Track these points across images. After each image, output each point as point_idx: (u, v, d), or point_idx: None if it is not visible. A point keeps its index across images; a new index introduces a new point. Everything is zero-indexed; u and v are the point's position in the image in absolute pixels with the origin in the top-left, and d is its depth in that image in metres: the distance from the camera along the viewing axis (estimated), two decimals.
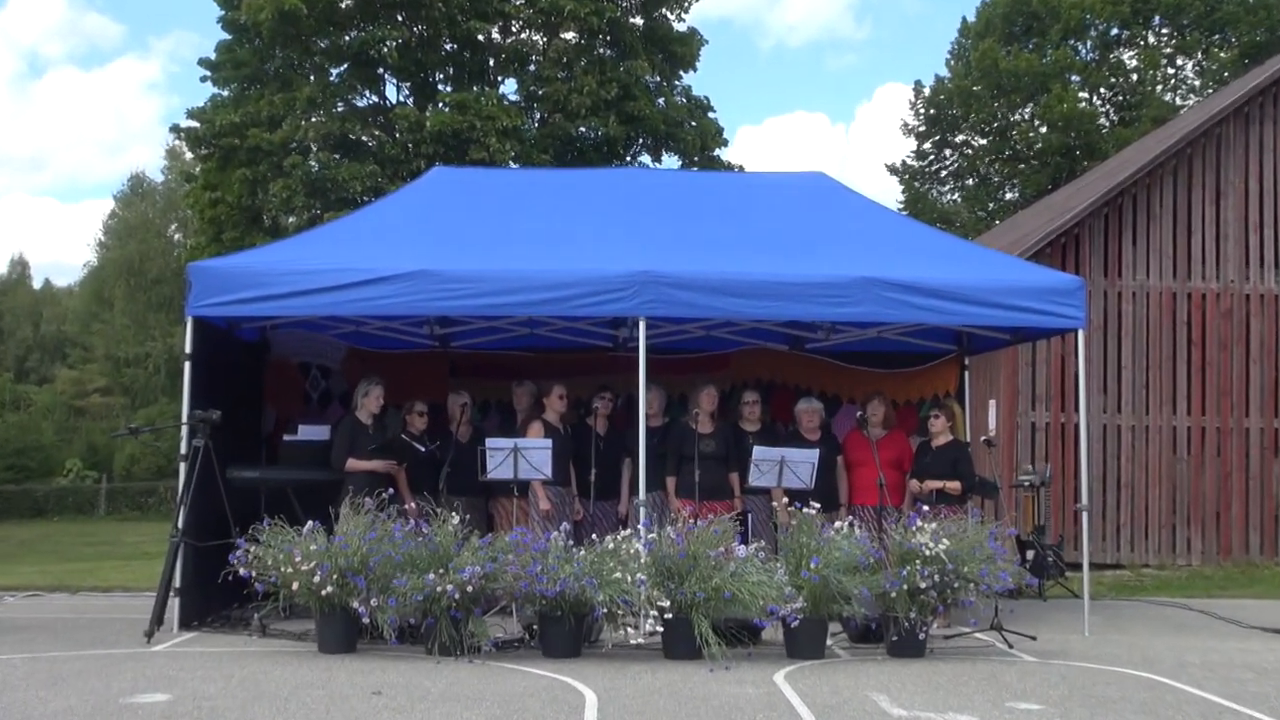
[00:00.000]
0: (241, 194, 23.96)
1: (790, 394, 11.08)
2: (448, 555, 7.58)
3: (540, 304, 8.62)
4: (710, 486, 9.51)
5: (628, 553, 7.61)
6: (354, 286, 8.52)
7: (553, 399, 9.88)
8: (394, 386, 10.03)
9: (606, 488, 9.92)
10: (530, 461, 8.97)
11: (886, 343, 11.05)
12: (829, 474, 9.80)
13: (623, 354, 10.88)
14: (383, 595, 7.50)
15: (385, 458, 9.45)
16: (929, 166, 35.81)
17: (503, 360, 11.17)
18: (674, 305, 8.65)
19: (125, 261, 43.01)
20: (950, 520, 8.08)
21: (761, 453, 9.25)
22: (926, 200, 34.66)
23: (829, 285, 8.73)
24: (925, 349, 11.18)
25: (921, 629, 7.74)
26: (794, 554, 7.82)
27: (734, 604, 7.43)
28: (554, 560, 7.53)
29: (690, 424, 9.73)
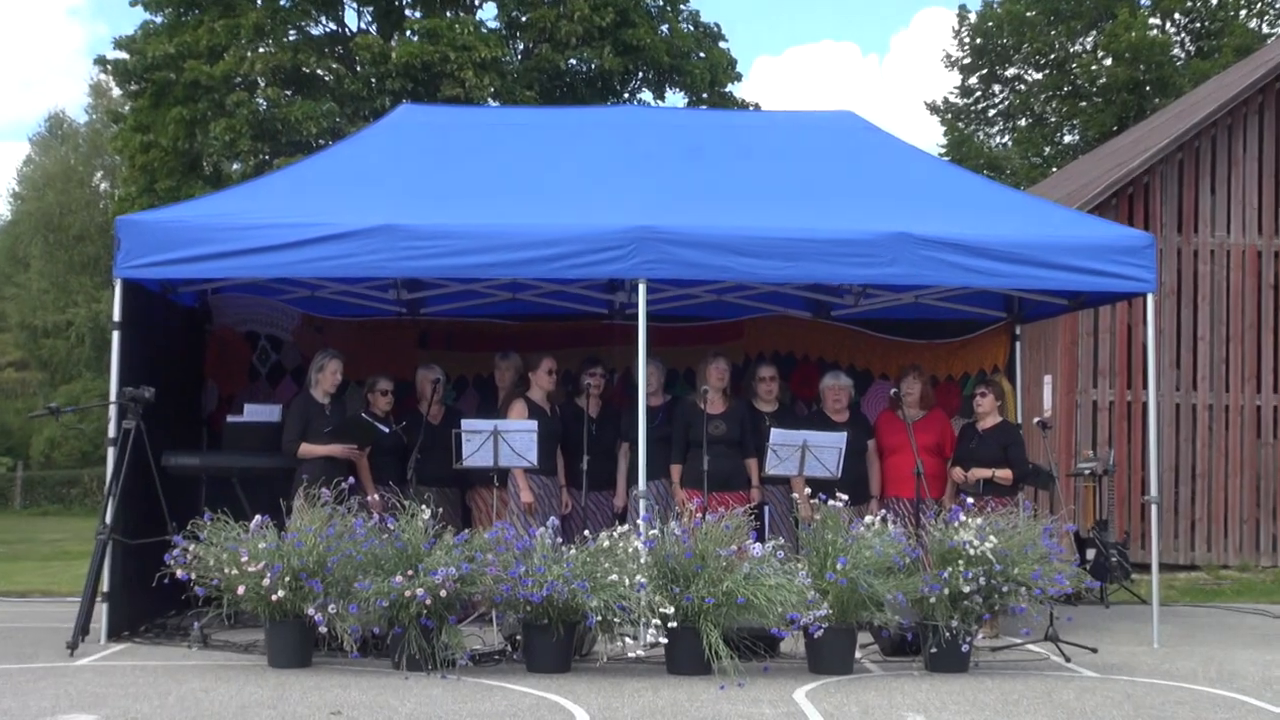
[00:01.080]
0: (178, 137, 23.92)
1: (813, 368, 11.11)
2: (417, 555, 7.59)
3: (524, 264, 8.62)
4: (721, 475, 9.52)
5: (625, 552, 7.62)
6: (308, 244, 8.52)
7: (539, 374, 9.89)
8: (355, 360, 10.05)
9: (600, 477, 9.94)
10: (513, 446, 8.97)
11: (925, 309, 11.06)
12: (858, 461, 9.81)
13: (619, 322, 10.94)
14: (342, 601, 7.51)
15: (345, 442, 9.47)
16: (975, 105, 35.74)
17: (481, 330, 11.18)
18: (678, 265, 8.66)
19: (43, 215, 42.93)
20: (998, 514, 8.07)
21: (780, 436, 9.25)
22: (972, 144, 34.59)
23: (858, 242, 8.73)
24: (970, 317, 11.18)
25: (965, 640, 7.75)
26: (818, 553, 7.83)
27: (748, 611, 7.44)
28: (540, 560, 7.54)
29: (697, 403, 9.73)
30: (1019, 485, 9.71)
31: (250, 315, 10.96)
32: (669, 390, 10.39)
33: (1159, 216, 15.11)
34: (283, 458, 9.43)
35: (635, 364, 8.80)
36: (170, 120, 23.83)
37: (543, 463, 9.38)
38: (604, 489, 10.04)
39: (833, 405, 10.12)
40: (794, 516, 8.92)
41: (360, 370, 10.19)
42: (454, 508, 9.92)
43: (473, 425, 9.09)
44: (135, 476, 8.61)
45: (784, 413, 10.28)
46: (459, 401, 10.95)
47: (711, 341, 10.94)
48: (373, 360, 10.46)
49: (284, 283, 10.25)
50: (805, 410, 10.85)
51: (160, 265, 8.65)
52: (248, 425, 9.82)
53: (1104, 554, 11.97)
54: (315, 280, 10.10)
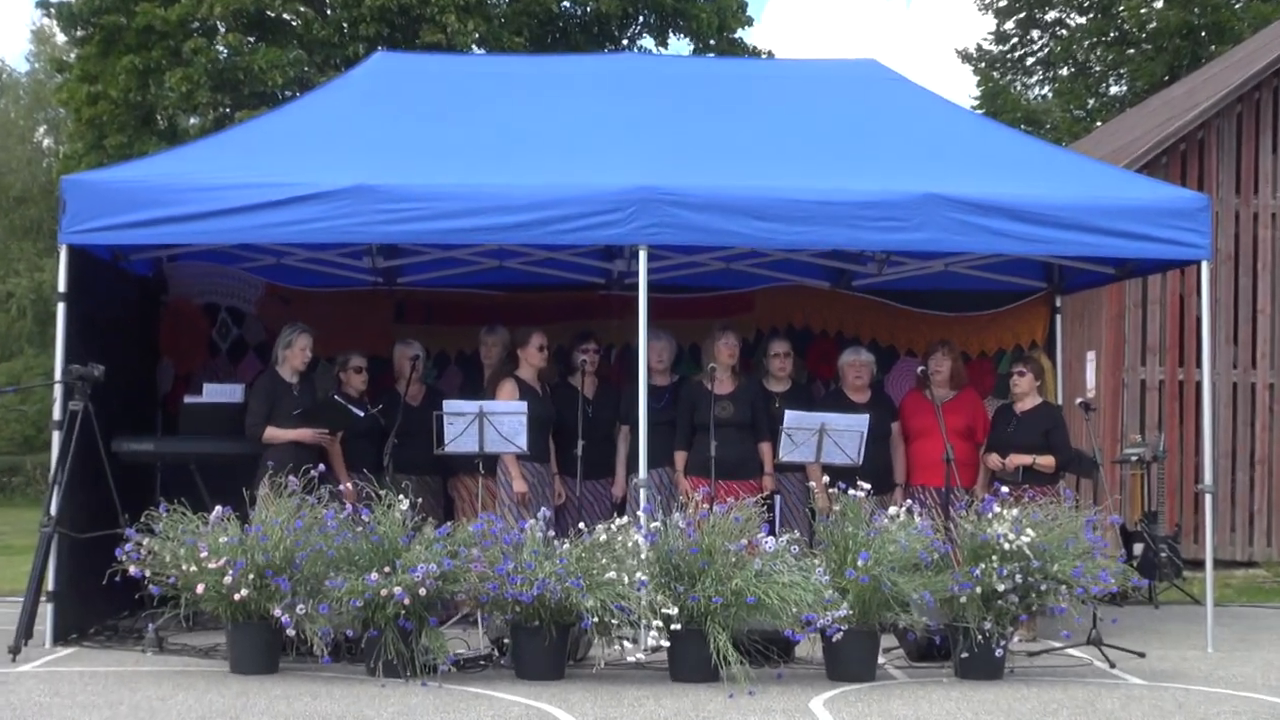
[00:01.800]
0: (129, 88, 23.81)
1: (831, 343, 11.14)
2: (394, 550, 7.59)
3: (512, 229, 8.62)
4: (730, 462, 9.54)
5: (624, 546, 7.62)
6: (274, 206, 8.52)
7: (529, 351, 9.88)
8: (326, 334, 10.05)
9: (597, 464, 9.95)
10: (500, 430, 8.97)
11: (956, 278, 11.06)
12: (881, 446, 9.83)
13: (618, 293, 10.94)
14: (312, 600, 7.51)
15: (315, 425, 9.47)
16: (1011, 52, 35.61)
17: (464, 301, 11.18)
18: (683, 230, 8.65)
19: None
20: (1037, 505, 8.08)
21: (795, 419, 9.26)
22: (1008, 95, 34.49)
23: (882, 204, 8.73)
24: (1006, 287, 11.20)
25: (999, 644, 7.77)
26: (837, 548, 7.84)
27: (759, 611, 7.45)
28: (530, 556, 7.54)
29: (704, 382, 9.74)
30: (1060, 473, 9.72)
31: (210, 285, 10.95)
32: (674, 369, 10.40)
33: (1214, 176, 15.09)
34: (246, 443, 9.41)
35: (636, 339, 8.79)
36: (120, 70, 23.71)
37: (533, 448, 9.37)
38: (601, 477, 10.05)
39: (853, 384, 10.12)
40: (810, 507, 8.93)
41: (331, 346, 10.18)
42: (435, 498, 9.92)
43: (456, 407, 9.08)
44: (83, 463, 8.60)
45: (799, 393, 10.27)
46: (440, 381, 10.94)
47: (719, 314, 10.93)
48: (345, 335, 10.44)
49: (247, 249, 10.24)
50: (823, 390, 10.86)
51: (110, 230, 8.64)
52: (207, 407, 9.81)
53: (1153, 549, 11.98)
54: (281, 246, 10.09)
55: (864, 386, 10.14)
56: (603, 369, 10.46)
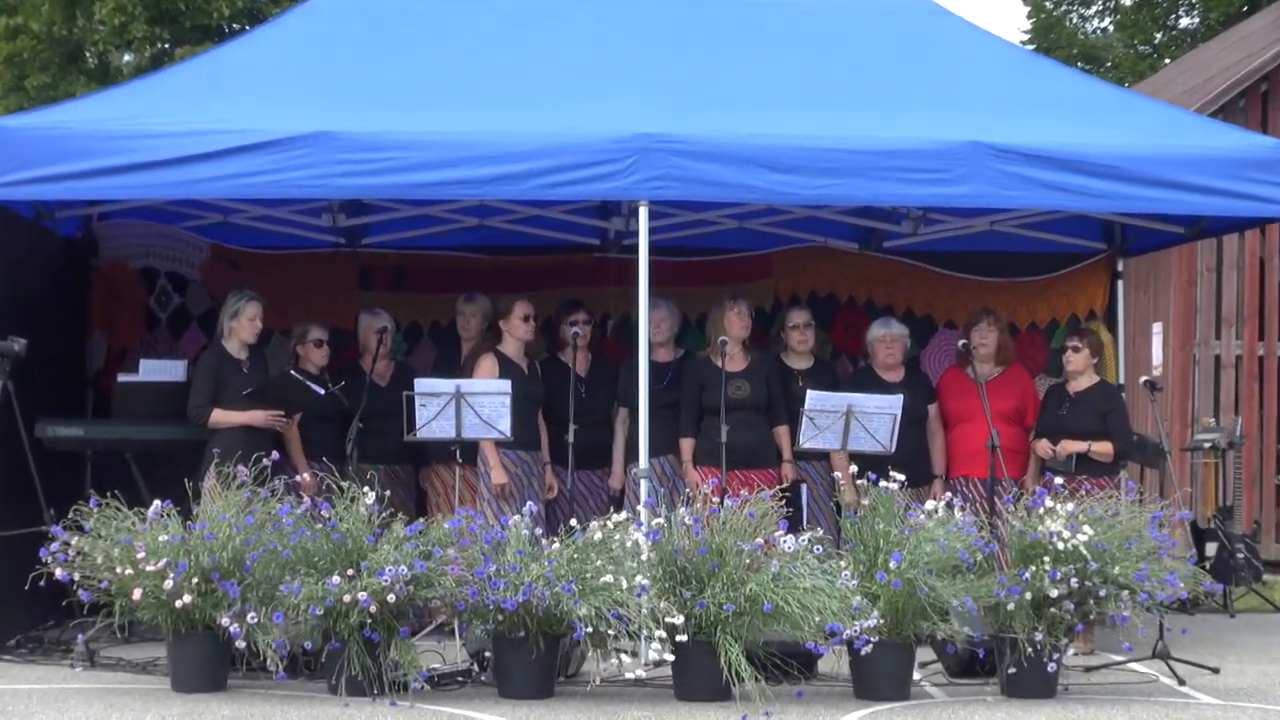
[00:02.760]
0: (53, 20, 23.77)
1: (860, 314, 11.14)
2: (359, 550, 7.58)
3: (494, 182, 8.58)
4: (743, 449, 9.54)
5: (622, 546, 7.62)
6: (220, 156, 8.46)
7: (513, 322, 9.87)
8: (280, 303, 10.04)
9: (591, 452, 9.95)
10: (480, 413, 8.97)
11: (1003, 239, 11.07)
12: (917, 432, 9.86)
13: (615, 256, 10.94)
14: (265, 608, 7.50)
15: (268, 407, 9.45)
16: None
17: (440, 265, 11.18)
18: (690, 183, 8.62)
19: None
20: (1095, 499, 8.06)
21: (818, 400, 9.26)
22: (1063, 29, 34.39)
23: (920, 154, 8.71)
24: (1060, 248, 11.19)
25: (1052, 657, 7.76)
26: (866, 548, 7.83)
27: (777, 621, 7.43)
28: (514, 557, 7.53)
29: (713, 358, 9.73)
30: (1120, 462, 9.71)
31: (147, 247, 10.93)
32: (679, 343, 10.39)
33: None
34: (189, 427, 9.41)
35: (635, 308, 8.77)
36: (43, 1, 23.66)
37: (518, 434, 9.35)
38: (596, 467, 10.07)
39: (884, 360, 10.12)
40: (835, 501, 8.92)
41: (286, 316, 10.17)
42: (406, 490, 9.95)
43: (429, 386, 9.08)
44: (2, 450, 8.60)
45: (822, 370, 10.28)
46: (411, 356, 10.95)
47: (731, 280, 10.91)
48: (302, 303, 10.44)
49: (190, 206, 10.20)
50: (849, 367, 10.87)
51: (33, 183, 8.57)
52: (144, 386, 9.79)
53: (1228, 549, 11.97)
54: (229, 202, 10.08)
55: (897, 363, 10.13)
56: (597, 343, 10.46)
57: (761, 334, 10.47)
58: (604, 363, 10.33)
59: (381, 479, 8.69)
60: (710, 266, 11.21)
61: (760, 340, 10.35)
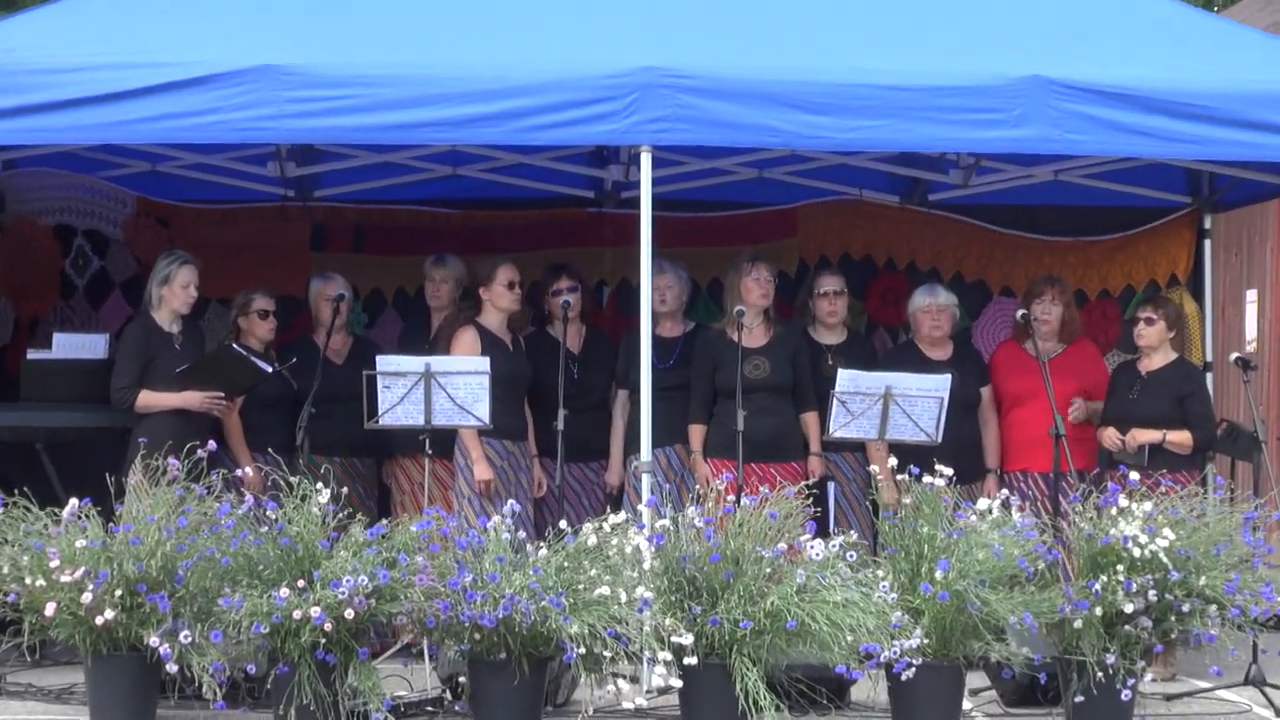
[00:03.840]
0: None
1: (901, 279, 11.16)
2: (311, 558, 7.55)
3: (470, 124, 8.53)
4: (763, 438, 9.52)
5: (621, 552, 7.60)
6: (148, 94, 8.40)
7: (494, 289, 9.83)
8: (218, 267, 9.99)
9: (585, 442, 9.94)
10: (454, 396, 8.96)
11: (1069, 191, 11.05)
12: (967, 418, 9.87)
13: (612, 211, 10.97)
14: (200, 625, 7.47)
15: (204, 387, 9.41)
16: None
17: (406, 222, 11.22)
18: (700, 126, 8.57)
19: None
20: (1177, 497, 8.04)
21: (851, 380, 9.22)
22: None
23: (971, 91, 8.66)
24: (1137, 202, 11.19)
25: (1126, 683, 7.73)
26: (907, 555, 7.83)
27: (803, 640, 7.41)
28: (495, 565, 7.51)
29: (728, 332, 9.71)
30: (1204, 454, 9.69)
31: (61, 201, 10.96)
32: (688, 314, 10.39)
33: None
34: (111, 412, 9.39)
35: (636, 273, 8.74)
36: None
37: (499, 420, 9.33)
38: (590, 459, 10.09)
39: (929, 334, 10.08)
40: (871, 500, 8.86)
41: (225, 283, 10.14)
42: (366, 487, 10.01)
43: (394, 364, 9.07)
44: None
45: (857, 345, 10.25)
46: (373, 329, 11.00)
47: (750, 240, 10.93)
48: (244, 268, 10.45)
49: (112, 152, 10.23)
50: (889, 342, 10.89)
51: None
52: (58, 365, 9.76)
53: None
54: (158, 148, 10.06)
55: (944, 338, 10.11)
56: (592, 313, 10.48)
57: (785, 303, 10.47)
58: (600, 337, 10.34)
59: (338, 474, 8.58)
60: (724, 224, 11.23)
61: (783, 311, 10.33)
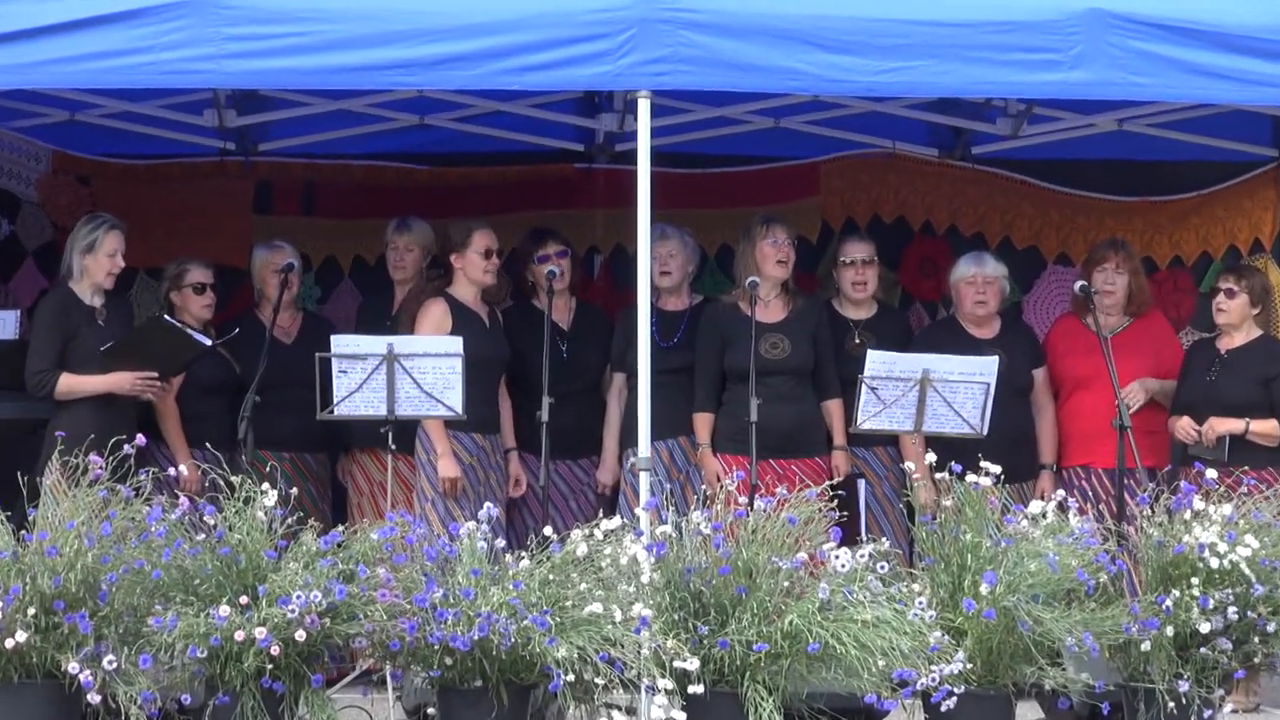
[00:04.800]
0: None
1: (940, 245, 11.26)
2: (256, 570, 7.56)
3: (439, 65, 8.50)
4: (781, 429, 9.58)
5: (615, 563, 7.62)
6: (64, 31, 8.34)
7: (469, 257, 9.84)
8: (147, 233, 10.07)
9: (574, 434, 9.99)
10: (420, 383, 8.97)
11: (1136, 143, 11.09)
12: (1017, 406, 9.90)
13: (604, 167, 11.07)
14: (127, 649, 7.46)
15: (134, 367, 9.39)
16: None
17: (365, 181, 11.29)
18: (707, 68, 8.53)
19: None
20: (1261, 498, 8.05)
21: (882, 363, 9.22)
22: None
23: (1022, 27, 8.62)
24: (1215, 156, 11.22)
25: (1203, 713, 7.74)
26: (948, 566, 7.85)
27: (827, 665, 7.44)
28: (468, 579, 7.53)
29: (740, 306, 9.71)
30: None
31: None
32: (695, 286, 10.42)
33: None
34: (24, 400, 9.41)
35: (633, 238, 8.71)
36: None
37: (474, 410, 9.32)
38: (580, 455, 10.14)
39: (974, 309, 10.06)
40: (906, 502, 8.87)
41: (156, 251, 10.24)
42: (320, 487, 10.12)
43: (351, 345, 9.08)
44: None
45: (889, 322, 10.29)
46: (327, 304, 11.11)
47: (764, 200, 10.97)
48: (178, 234, 10.55)
49: (22, 99, 10.19)
50: (926, 318, 10.95)
51: None
52: None
53: None
54: (77, 94, 10.05)
55: (990, 313, 10.11)
56: (582, 285, 10.52)
57: (806, 273, 10.51)
58: (591, 312, 10.42)
59: (287, 472, 8.80)
60: (735, 181, 11.30)
61: (804, 282, 10.36)
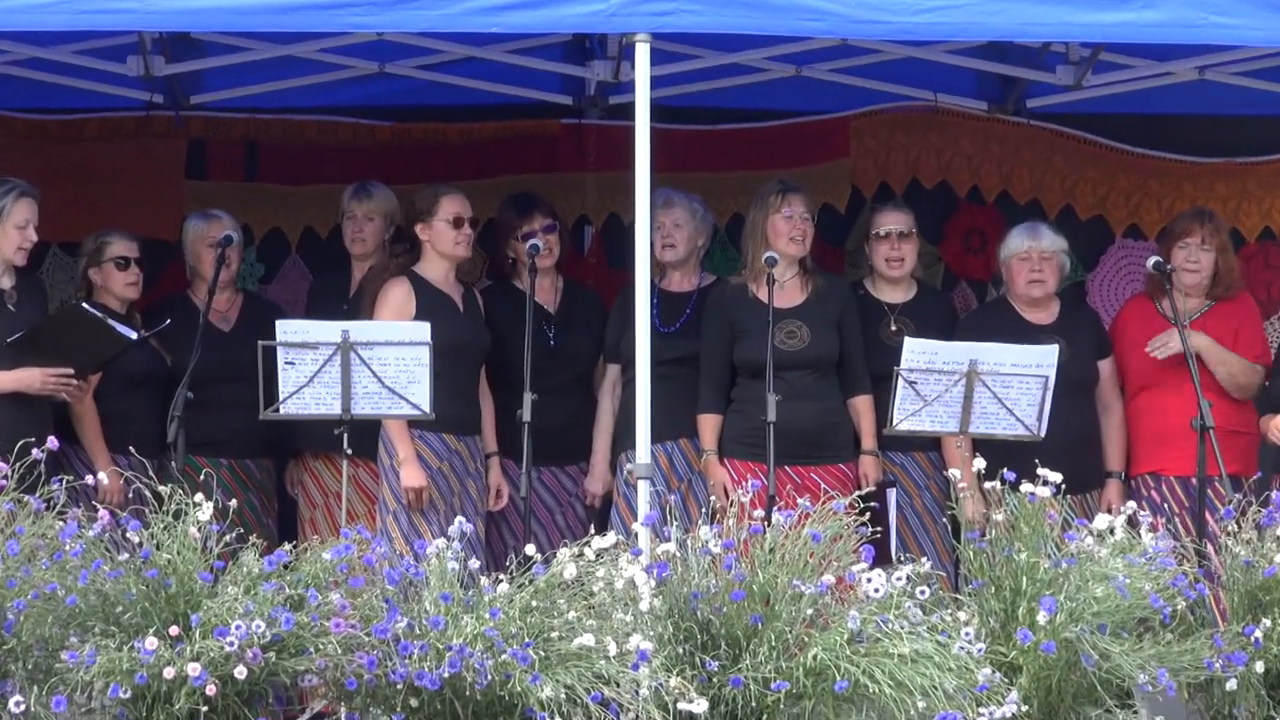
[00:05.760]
0: None
1: (990, 215, 11.29)
2: (189, 595, 7.56)
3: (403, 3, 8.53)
4: (801, 431, 9.60)
5: (609, 588, 7.63)
6: None
7: (437, 228, 9.87)
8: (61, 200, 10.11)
9: (560, 435, 10.02)
10: (383, 376, 8.93)
11: (1220, 94, 11.10)
12: (1080, 403, 9.93)
13: (596, 123, 11.08)
14: (39, 688, 7.46)
15: (47, 362, 9.42)
16: None
17: (316, 139, 11.36)
18: (715, 7, 8.61)
19: None
20: None
21: (922, 352, 9.17)
22: None
23: None
24: None
25: None
26: (999, 591, 7.86)
27: (858, 707, 7.45)
28: (437, 606, 7.52)
29: (753, 287, 9.70)
30: None
31: None
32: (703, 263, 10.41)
33: None
34: None
35: (629, 207, 8.69)
36: None
37: (446, 407, 9.32)
38: (568, 459, 10.21)
39: (1029, 290, 10.05)
40: (950, 516, 8.80)
41: (71, 222, 10.28)
42: (264, 498, 10.20)
43: (300, 332, 9.05)
44: None
45: (930, 304, 10.35)
46: (273, 284, 11.18)
47: (783, 162, 11.03)
48: (97, 201, 10.60)
49: None
50: (973, 299, 10.96)
51: None
52: None
53: None
54: None
55: (1048, 295, 10.09)
56: (570, 262, 10.61)
57: (832, 248, 10.57)
58: (581, 294, 10.52)
59: (225, 480, 8.80)
60: (750, 140, 11.33)
61: (829, 259, 10.43)
